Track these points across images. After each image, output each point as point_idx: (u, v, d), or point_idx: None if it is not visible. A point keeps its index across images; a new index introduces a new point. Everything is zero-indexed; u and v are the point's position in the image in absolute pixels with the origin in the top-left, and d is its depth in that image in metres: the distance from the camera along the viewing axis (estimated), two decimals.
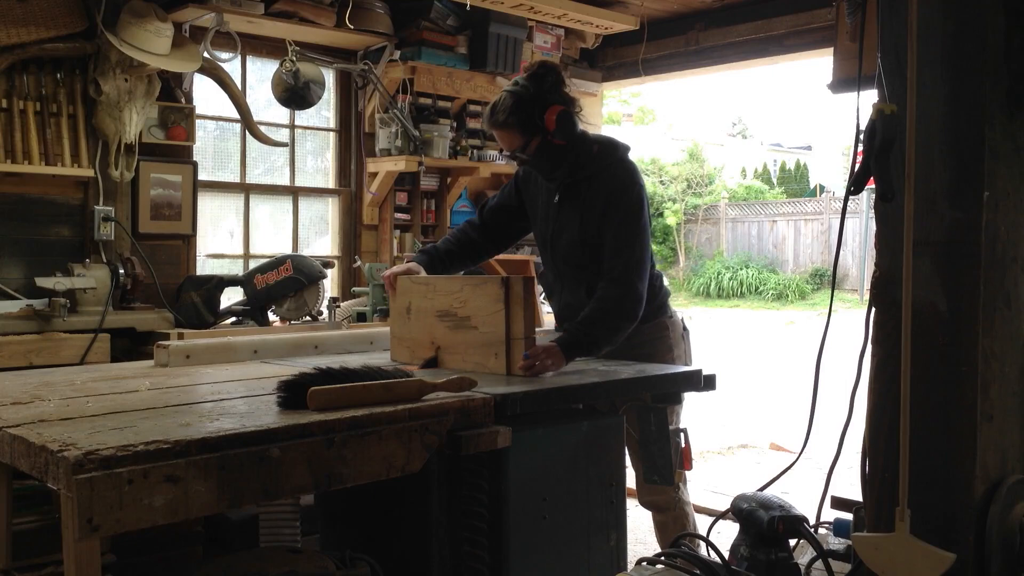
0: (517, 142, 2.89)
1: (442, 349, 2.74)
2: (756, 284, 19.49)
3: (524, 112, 2.83)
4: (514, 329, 2.56)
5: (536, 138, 2.86)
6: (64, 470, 1.53)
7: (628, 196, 2.90)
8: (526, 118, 2.84)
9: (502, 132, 2.90)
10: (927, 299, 1.85)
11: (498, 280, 2.59)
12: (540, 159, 2.92)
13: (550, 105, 2.84)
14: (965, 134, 1.82)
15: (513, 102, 2.84)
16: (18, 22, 3.93)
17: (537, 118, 2.83)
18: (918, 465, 1.79)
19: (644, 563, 2.07)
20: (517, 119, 2.84)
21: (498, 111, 2.87)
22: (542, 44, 5.78)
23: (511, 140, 2.90)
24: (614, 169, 2.94)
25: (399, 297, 2.89)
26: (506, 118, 2.85)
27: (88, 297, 3.98)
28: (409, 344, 2.86)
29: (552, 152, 2.89)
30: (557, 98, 2.87)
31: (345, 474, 1.85)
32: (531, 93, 2.85)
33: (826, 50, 4.55)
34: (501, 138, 2.94)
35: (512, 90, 2.88)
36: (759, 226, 20.63)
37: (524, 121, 2.84)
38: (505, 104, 2.85)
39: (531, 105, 2.84)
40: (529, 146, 2.87)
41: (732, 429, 6.99)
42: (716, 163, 23.76)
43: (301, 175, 5.37)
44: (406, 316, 2.87)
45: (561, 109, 2.83)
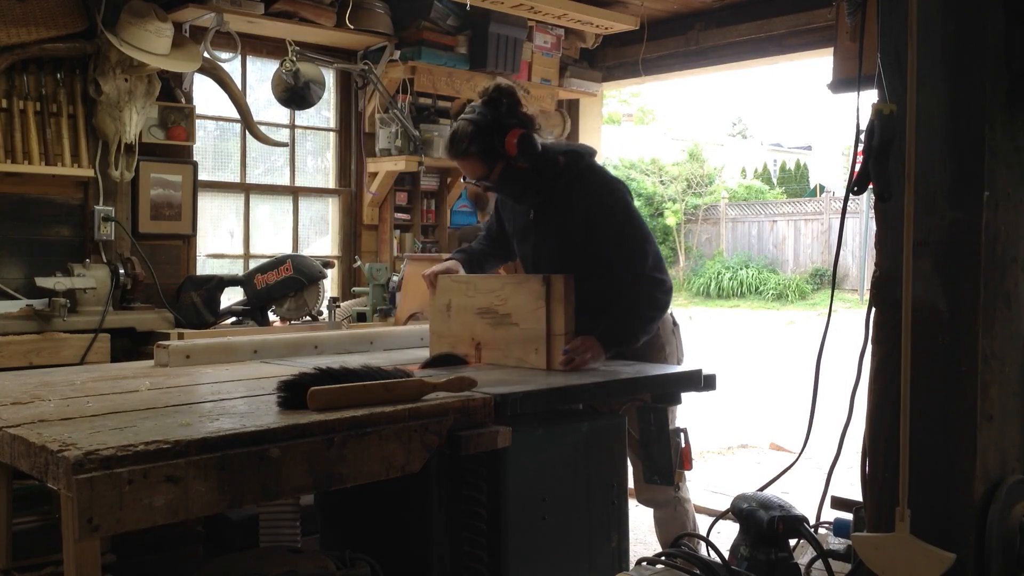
0: (480, 170, 2.90)
1: (483, 345, 2.82)
2: (756, 284, 19.48)
3: (484, 140, 2.83)
4: (554, 325, 2.64)
5: (499, 164, 2.86)
6: (64, 470, 1.53)
7: (611, 199, 2.91)
8: (487, 146, 2.84)
9: (464, 162, 2.91)
10: (927, 299, 1.85)
11: (539, 279, 2.67)
12: (506, 185, 2.94)
13: (509, 129, 2.82)
14: (965, 134, 1.82)
15: (472, 131, 2.84)
16: (18, 22, 3.93)
17: (498, 144, 2.83)
18: (918, 465, 1.79)
19: (644, 563, 2.07)
20: (478, 148, 2.84)
21: (458, 140, 2.87)
22: (542, 44, 5.78)
23: (474, 169, 2.91)
24: (585, 178, 2.94)
25: (439, 295, 2.96)
26: (467, 147, 2.85)
27: (88, 297, 3.98)
28: (450, 340, 2.93)
29: (517, 176, 2.89)
30: (515, 121, 2.86)
31: (345, 474, 1.85)
32: (488, 120, 2.85)
33: (826, 50, 4.54)
34: (464, 167, 2.95)
35: (469, 118, 2.87)
36: (759, 226, 20.62)
37: (485, 149, 2.84)
38: (464, 133, 2.85)
39: (490, 132, 2.83)
40: (493, 172, 2.88)
41: (732, 429, 6.99)
42: (716, 163, 23.75)
43: (301, 175, 5.37)
44: (446, 313, 2.95)
45: (521, 132, 2.82)
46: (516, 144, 2.81)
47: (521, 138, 2.81)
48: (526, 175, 2.89)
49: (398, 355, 3.06)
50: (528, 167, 2.86)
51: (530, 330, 2.69)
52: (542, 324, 2.65)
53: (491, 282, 2.85)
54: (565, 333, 2.62)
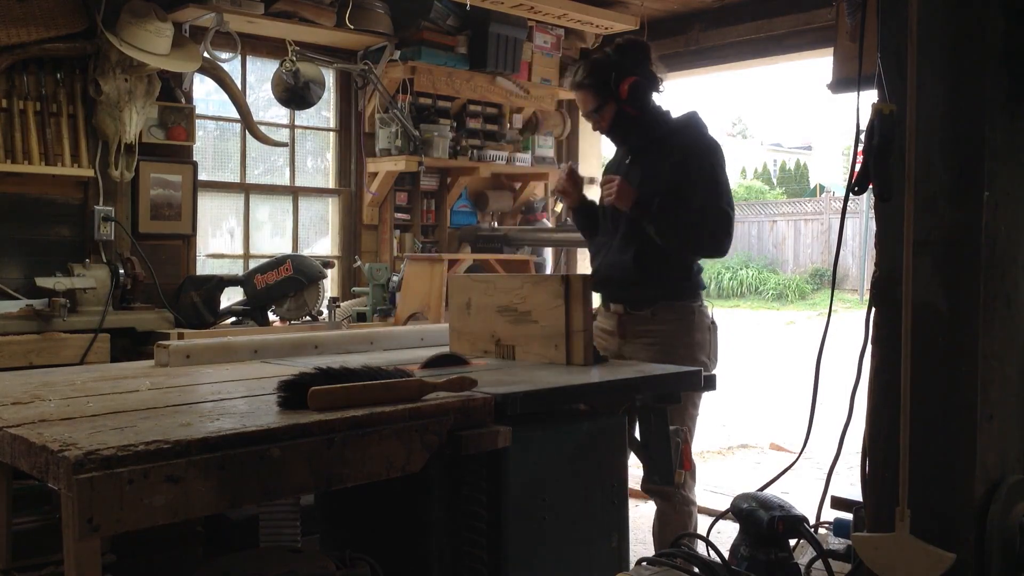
0: (591, 103, 3.07)
1: (502, 340, 2.89)
2: (756, 284, 19.48)
3: (600, 76, 3.03)
4: (574, 323, 2.70)
5: (610, 103, 3.04)
6: (64, 470, 1.53)
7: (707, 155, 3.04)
8: (601, 82, 3.02)
9: (578, 92, 3.10)
10: (927, 299, 1.85)
11: (558, 278, 2.75)
12: (613, 125, 3.10)
13: (627, 75, 2.99)
14: (965, 134, 1.82)
15: (591, 66, 3.05)
16: (18, 22, 3.93)
17: (612, 84, 3.01)
18: (918, 465, 1.79)
19: (644, 563, 2.08)
20: (592, 81, 3.04)
21: (577, 71, 3.08)
22: (542, 44, 5.78)
23: (585, 101, 3.09)
24: (691, 134, 3.10)
25: (458, 294, 3.03)
26: (583, 79, 3.05)
27: (88, 297, 3.98)
28: (469, 338, 2.99)
29: (624, 120, 3.06)
30: (637, 71, 3.03)
31: (345, 474, 1.85)
32: (610, 61, 3.05)
33: (826, 50, 4.53)
34: (578, 99, 3.15)
35: (595, 57, 3.10)
36: (759, 226, 20.62)
37: (599, 85, 3.03)
38: (585, 66, 3.07)
39: (608, 71, 3.02)
40: (603, 110, 3.06)
41: (732, 429, 6.99)
42: None
43: (301, 175, 5.37)
44: (466, 311, 3.01)
45: (635, 79, 3.00)
46: (628, 89, 3.00)
47: (635, 84, 3.00)
48: (634, 121, 3.07)
49: (398, 355, 3.05)
50: (637, 114, 3.05)
51: (550, 327, 2.75)
52: (561, 321, 2.71)
53: (510, 281, 2.92)
54: (584, 330, 2.68)
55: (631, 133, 3.11)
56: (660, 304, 3.08)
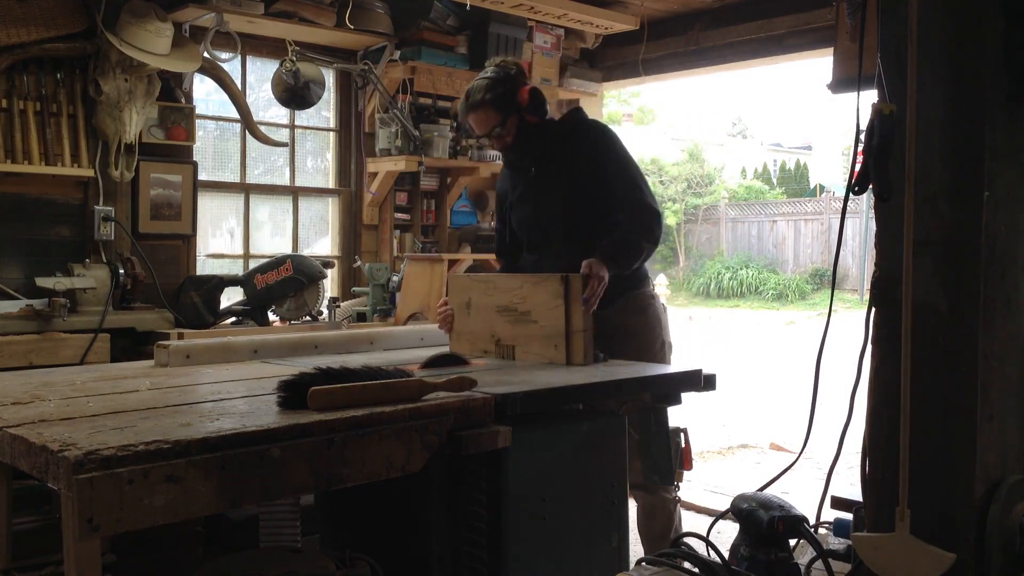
0: (494, 120, 3.09)
1: (502, 340, 2.91)
2: (756, 284, 19.48)
3: (499, 90, 3.06)
4: (573, 322, 2.73)
5: (512, 116, 3.08)
6: (64, 470, 1.53)
7: (613, 145, 3.13)
8: (501, 95, 3.06)
9: (479, 113, 3.10)
10: (927, 299, 1.85)
11: (558, 278, 2.76)
12: (517, 138, 3.12)
13: (521, 85, 3.09)
14: (965, 134, 1.82)
15: (488, 83, 3.08)
16: (18, 22, 3.93)
17: (511, 96, 3.06)
18: (918, 465, 1.79)
19: (644, 563, 2.07)
20: (493, 96, 3.06)
21: (473, 92, 3.10)
22: (542, 44, 5.78)
23: (488, 120, 3.10)
24: (586, 128, 3.18)
25: (458, 294, 3.05)
26: (482, 97, 3.07)
27: (88, 297, 3.98)
28: (469, 338, 3.02)
29: (527, 129, 3.10)
30: (524, 81, 3.14)
31: (345, 474, 1.85)
32: (502, 76, 3.10)
33: (826, 50, 4.54)
34: (477, 121, 3.13)
35: (484, 75, 3.12)
36: (759, 226, 20.62)
37: (499, 98, 3.06)
38: (480, 85, 3.09)
39: (504, 84, 3.07)
40: (506, 124, 3.09)
41: (732, 429, 6.99)
42: (716, 163, 23.75)
43: (301, 175, 5.37)
44: (466, 311, 3.03)
45: (531, 87, 3.09)
46: (528, 95, 3.06)
47: (532, 91, 3.09)
48: (535, 129, 3.11)
49: (398, 355, 3.05)
50: (538, 122, 3.10)
51: (549, 327, 2.77)
52: (561, 321, 2.73)
53: (510, 281, 2.94)
54: (584, 330, 2.71)
55: (534, 142, 3.13)
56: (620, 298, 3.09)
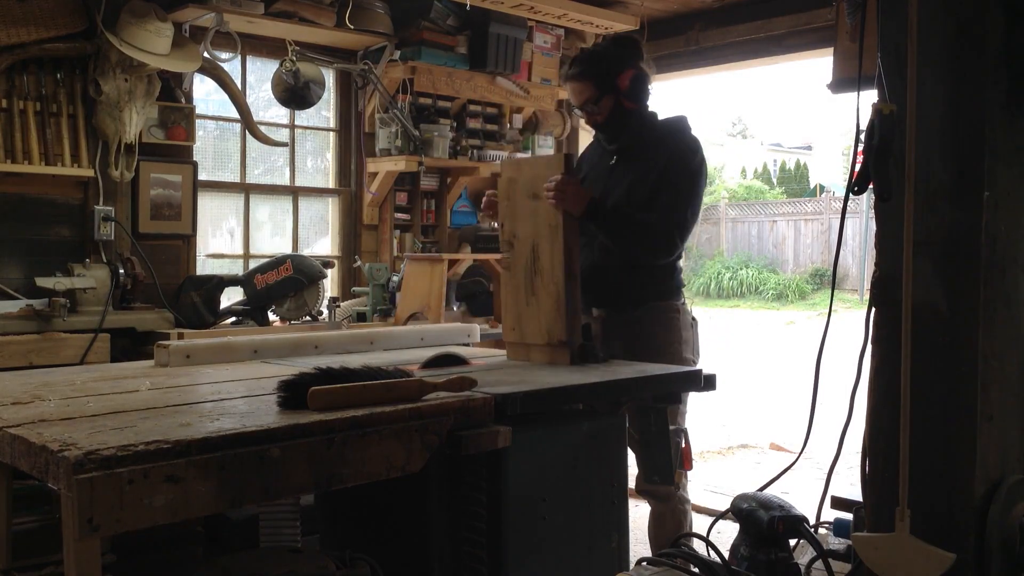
0: (588, 94, 2.97)
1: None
2: (756, 284, 19.48)
3: (600, 67, 2.95)
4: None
5: (608, 95, 2.96)
6: (64, 470, 1.53)
7: (691, 162, 2.99)
8: (602, 72, 2.95)
9: (575, 84, 3.00)
10: (927, 299, 1.85)
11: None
12: (609, 119, 3.00)
13: (627, 67, 2.94)
14: (965, 134, 1.82)
15: (590, 56, 2.99)
16: (18, 22, 3.93)
17: (612, 75, 2.94)
18: (918, 465, 1.79)
19: (644, 563, 2.08)
20: (594, 71, 2.95)
21: (577, 61, 3.00)
22: (542, 44, 5.78)
23: (583, 92, 2.99)
24: (679, 136, 3.04)
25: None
26: (583, 69, 2.97)
27: (88, 297, 3.98)
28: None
29: (620, 114, 2.98)
30: (634, 66, 2.98)
31: (345, 474, 1.85)
32: (609, 52, 2.99)
33: (826, 50, 4.54)
34: (573, 90, 3.03)
35: (592, 48, 3.06)
36: (759, 226, 20.62)
37: (599, 75, 2.95)
38: (584, 56, 3.00)
39: (607, 62, 2.95)
40: (600, 102, 2.97)
41: (732, 429, 6.99)
42: (716, 163, 23.75)
43: (301, 175, 5.37)
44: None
45: (635, 72, 2.95)
46: (630, 81, 2.93)
47: (635, 77, 2.94)
48: (629, 115, 2.99)
49: (398, 355, 3.05)
50: (634, 108, 2.98)
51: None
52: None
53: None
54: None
55: (624, 129, 3.02)
56: (645, 305, 3.05)
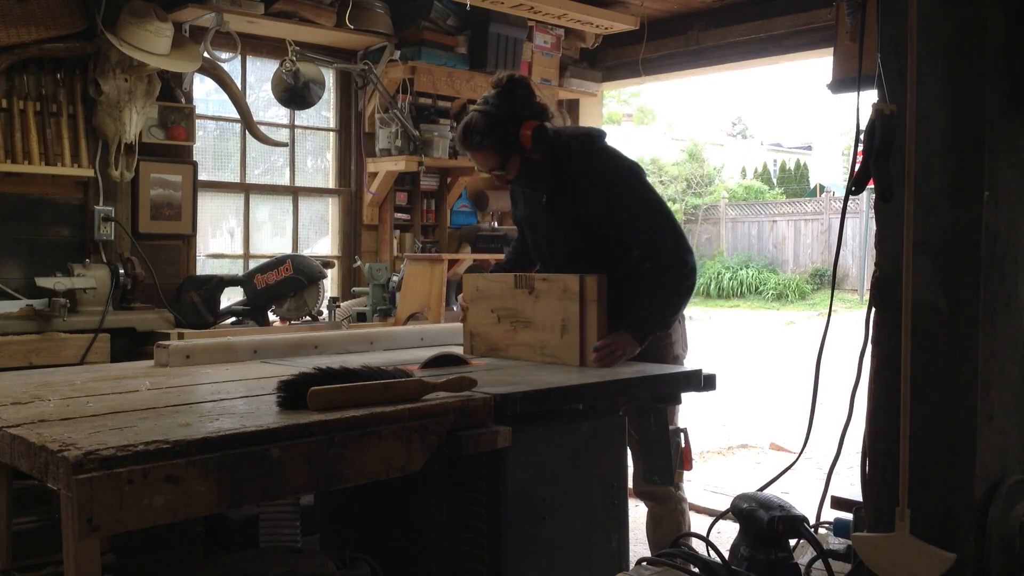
0: (494, 162, 2.89)
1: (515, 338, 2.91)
2: (756, 284, 19.48)
3: (498, 132, 2.82)
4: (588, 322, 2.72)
5: (514, 156, 2.86)
6: (64, 470, 1.53)
7: (626, 179, 2.90)
8: (501, 138, 2.83)
9: (478, 154, 2.90)
10: (927, 299, 1.84)
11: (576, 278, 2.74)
12: (520, 176, 2.93)
13: (523, 121, 2.82)
14: (965, 134, 1.82)
15: (487, 123, 2.82)
16: (18, 22, 3.93)
17: (512, 136, 2.82)
18: (918, 465, 1.79)
19: (644, 563, 2.07)
20: (492, 140, 2.83)
21: (471, 133, 2.85)
22: (542, 44, 5.78)
23: (488, 161, 2.90)
24: (598, 162, 2.93)
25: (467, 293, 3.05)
26: (481, 140, 2.84)
27: (88, 297, 3.98)
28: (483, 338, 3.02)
29: (532, 168, 2.89)
30: (528, 112, 2.85)
31: (345, 474, 1.85)
32: (503, 111, 2.83)
33: (826, 50, 4.54)
34: (477, 159, 2.94)
35: (483, 110, 2.86)
36: (759, 226, 20.62)
37: (499, 141, 2.83)
38: (478, 126, 2.83)
39: (504, 124, 2.82)
40: (508, 164, 2.88)
41: (732, 429, 6.99)
42: (716, 163, 23.76)
43: (301, 175, 5.37)
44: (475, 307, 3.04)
45: (536, 125, 2.82)
46: (531, 136, 2.80)
47: (536, 130, 2.81)
48: (540, 165, 2.89)
49: (398, 355, 3.05)
50: (540, 158, 2.86)
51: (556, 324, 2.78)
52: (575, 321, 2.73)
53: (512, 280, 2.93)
54: (598, 327, 2.70)
55: (540, 178, 2.94)
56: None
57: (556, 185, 2.96)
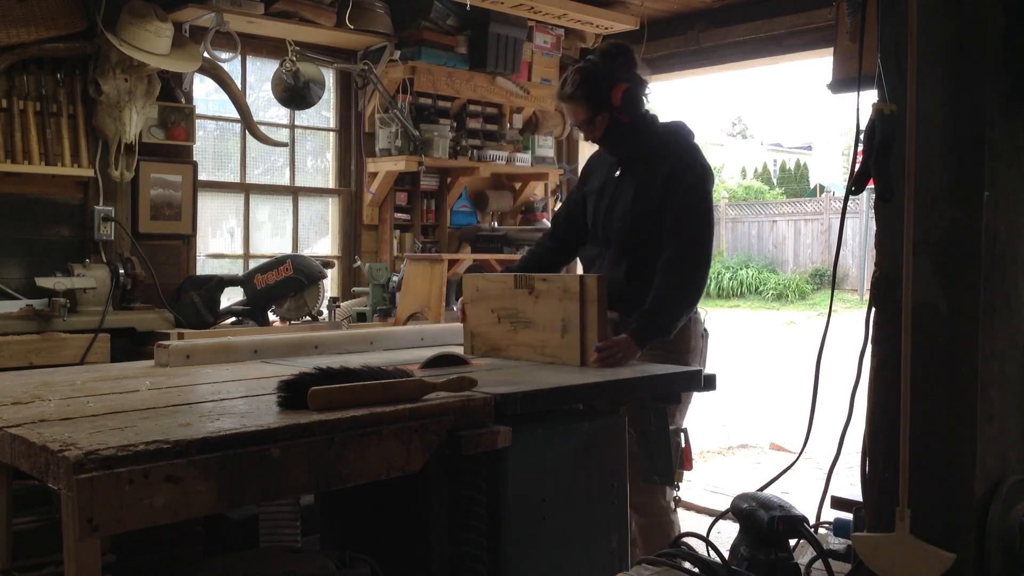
0: (583, 115, 3.01)
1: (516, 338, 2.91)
2: (756, 284, 19.48)
3: (591, 86, 2.97)
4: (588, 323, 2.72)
5: (602, 113, 2.98)
6: (65, 470, 1.53)
7: (690, 174, 2.97)
8: (593, 92, 2.97)
9: (570, 105, 3.03)
10: (927, 299, 1.84)
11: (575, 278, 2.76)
12: (606, 134, 3.04)
13: (618, 82, 2.95)
14: (965, 134, 1.82)
15: (581, 77, 2.98)
16: (18, 22, 3.93)
17: (604, 93, 2.95)
18: (918, 465, 1.79)
19: (644, 563, 2.07)
20: (584, 93, 2.97)
21: (567, 84, 3.01)
22: (542, 44, 5.78)
23: (577, 113, 3.03)
24: (678, 148, 3.03)
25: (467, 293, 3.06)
26: (573, 91, 2.98)
27: (88, 297, 3.98)
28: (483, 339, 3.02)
29: (618, 128, 3.01)
30: (626, 76, 2.99)
31: (345, 474, 1.85)
32: (600, 69, 2.98)
33: (826, 50, 4.54)
34: (568, 111, 3.08)
35: (582, 66, 3.03)
36: (759, 226, 20.62)
37: (591, 95, 2.97)
38: (574, 78, 2.99)
39: (598, 80, 2.96)
40: (595, 120, 3.00)
41: (732, 429, 6.99)
42: (716, 163, 23.75)
43: (301, 175, 5.37)
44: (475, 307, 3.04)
45: (627, 86, 2.95)
46: (622, 96, 2.94)
47: (627, 91, 2.95)
48: (627, 128, 3.01)
49: (398, 355, 3.05)
50: (630, 121, 2.99)
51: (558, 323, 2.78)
52: (576, 322, 2.73)
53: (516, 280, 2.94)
54: (599, 328, 2.70)
55: (623, 141, 3.04)
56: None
57: (636, 155, 3.04)
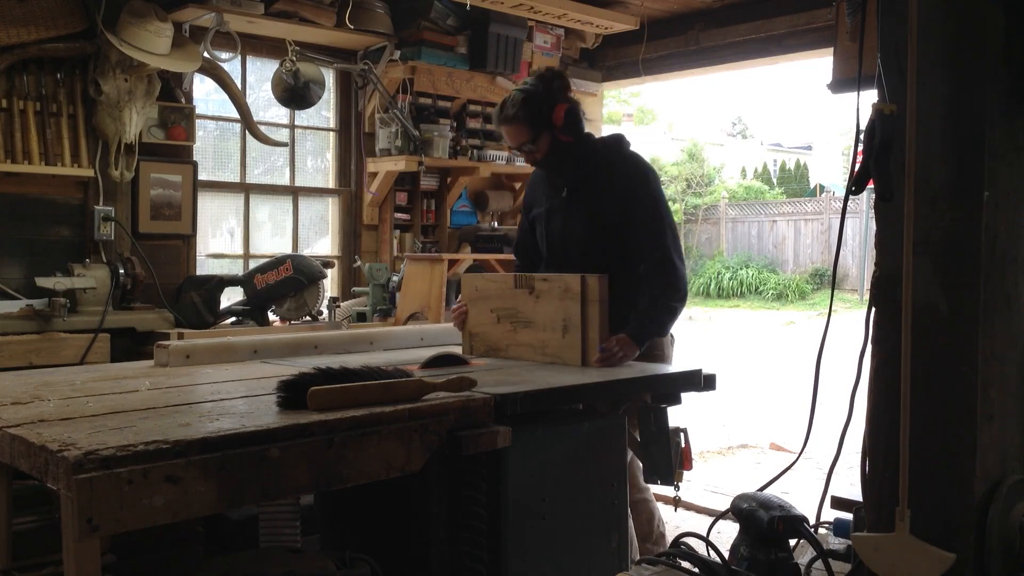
0: (524, 137, 3.01)
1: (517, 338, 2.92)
2: (756, 284, 19.47)
3: (533, 107, 2.97)
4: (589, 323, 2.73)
5: (544, 134, 2.99)
6: (64, 470, 1.53)
7: (647, 184, 3.03)
8: (535, 113, 2.97)
9: (511, 127, 3.02)
10: (927, 299, 1.84)
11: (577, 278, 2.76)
12: (548, 156, 3.04)
13: (559, 103, 2.97)
14: (965, 134, 1.82)
15: (523, 98, 2.98)
16: (18, 22, 3.93)
17: (546, 114, 2.97)
18: (918, 465, 1.79)
19: (644, 563, 2.07)
20: (526, 113, 2.97)
21: (507, 107, 3.01)
22: (542, 44, 5.78)
23: (519, 136, 3.02)
24: (625, 161, 3.07)
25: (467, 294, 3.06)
26: (515, 112, 2.99)
27: (88, 297, 3.98)
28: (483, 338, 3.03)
29: (559, 149, 3.01)
30: (564, 99, 3.01)
31: (345, 474, 1.85)
32: (540, 91, 3.00)
33: (826, 50, 4.54)
34: (509, 134, 3.06)
35: (521, 88, 3.03)
36: (759, 226, 20.61)
37: (533, 116, 2.97)
38: (515, 100, 3.00)
39: (540, 102, 2.98)
40: (537, 142, 3.00)
41: (732, 429, 6.99)
42: (716, 163, 23.77)
43: (301, 175, 5.37)
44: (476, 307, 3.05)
45: (568, 106, 2.98)
46: (564, 115, 2.96)
47: (568, 110, 2.98)
48: (569, 148, 3.02)
49: (398, 355, 3.05)
50: (572, 141, 3.00)
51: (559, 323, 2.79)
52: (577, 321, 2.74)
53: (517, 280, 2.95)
54: (600, 327, 2.71)
55: (566, 162, 3.05)
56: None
57: (581, 175, 3.06)
